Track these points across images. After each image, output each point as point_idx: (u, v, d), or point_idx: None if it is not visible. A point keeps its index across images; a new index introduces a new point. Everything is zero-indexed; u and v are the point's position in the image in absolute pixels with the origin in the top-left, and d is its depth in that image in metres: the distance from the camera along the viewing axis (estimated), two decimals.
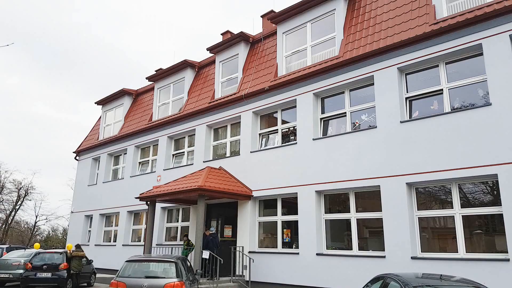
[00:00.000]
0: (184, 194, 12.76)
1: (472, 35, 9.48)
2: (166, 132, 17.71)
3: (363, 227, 11.19)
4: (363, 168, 10.79)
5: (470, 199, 9.45)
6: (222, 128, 15.93)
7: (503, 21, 9.05)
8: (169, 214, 17.25)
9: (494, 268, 8.33)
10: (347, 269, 10.58)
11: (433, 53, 10.06)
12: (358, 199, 11.26)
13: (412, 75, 10.75)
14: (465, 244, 9.08)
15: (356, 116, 11.77)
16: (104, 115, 22.68)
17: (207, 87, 16.71)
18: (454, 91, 9.91)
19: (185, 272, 9.07)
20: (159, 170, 17.52)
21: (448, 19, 9.83)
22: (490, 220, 9.15)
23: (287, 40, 13.99)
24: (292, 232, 12.61)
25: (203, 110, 15.85)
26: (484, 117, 9.01)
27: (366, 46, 11.39)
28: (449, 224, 9.56)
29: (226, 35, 18.36)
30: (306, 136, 12.38)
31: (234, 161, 14.43)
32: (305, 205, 11.87)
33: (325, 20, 12.95)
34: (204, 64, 17.89)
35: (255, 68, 14.87)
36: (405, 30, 10.63)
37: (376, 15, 11.79)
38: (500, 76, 8.93)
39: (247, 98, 14.30)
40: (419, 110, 10.46)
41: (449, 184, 9.54)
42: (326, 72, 12.17)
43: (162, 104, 18.71)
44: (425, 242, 9.78)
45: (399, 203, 9.93)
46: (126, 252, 16.88)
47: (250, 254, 12.78)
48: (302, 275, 11.46)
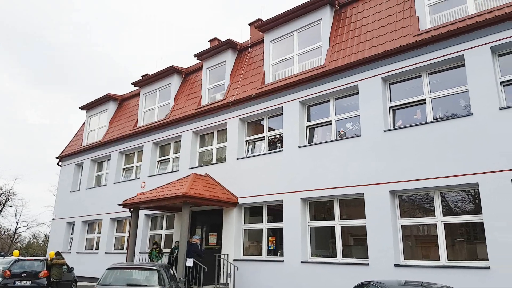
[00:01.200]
0: (169, 201, 12.63)
1: (454, 47, 9.71)
2: (151, 138, 17.57)
3: (348, 235, 11.24)
4: (348, 176, 10.87)
5: (452, 208, 9.59)
6: (208, 135, 15.88)
7: (484, 33, 9.29)
8: (153, 221, 17.04)
9: (475, 275, 8.45)
10: (331, 277, 10.59)
11: (417, 63, 10.26)
12: (342, 206, 11.32)
13: (395, 85, 10.93)
14: (447, 252, 9.20)
15: (341, 124, 11.89)
16: (88, 121, 22.39)
17: (193, 94, 16.67)
18: (437, 101, 10.10)
19: (168, 280, 8.93)
20: (143, 176, 17.33)
21: (431, 31, 10.05)
22: (471, 228, 9.30)
23: (274, 49, 14.10)
24: (277, 240, 12.58)
25: (190, 116, 15.79)
26: (466, 127, 9.20)
27: (351, 55, 11.55)
28: (432, 232, 9.67)
29: (214, 42, 18.40)
30: (292, 144, 12.43)
31: (220, 168, 14.38)
32: (291, 213, 11.88)
33: (312, 29, 13.11)
34: (191, 70, 17.87)
35: (242, 75, 14.92)
36: (389, 41, 10.82)
37: (361, 25, 11.99)
38: (481, 87, 9.15)
39: (234, 105, 14.31)
40: (403, 119, 10.62)
41: (432, 192, 9.68)
42: (312, 81, 12.28)
43: (148, 110, 18.57)
44: (408, 250, 9.87)
45: (382, 211, 10.02)
46: (109, 259, 16.57)
47: (235, 262, 12.69)
48: (287, 283, 11.42)
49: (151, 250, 14.20)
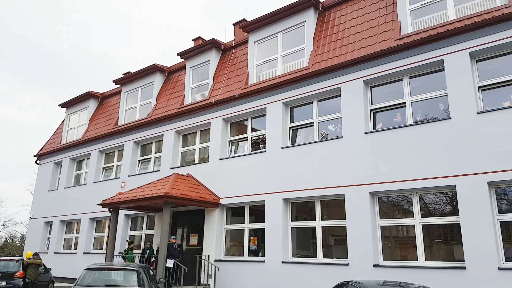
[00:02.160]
0: (150, 201, 12.48)
1: (434, 51, 9.91)
2: (132, 137, 17.34)
3: (329, 235, 11.34)
4: (329, 177, 10.96)
5: (431, 209, 9.78)
6: (191, 135, 15.77)
7: (463, 38, 9.52)
8: (133, 221, 16.82)
9: (452, 276, 8.63)
10: (311, 277, 10.66)
11: (398, 67, 10.43)
12: (324, 207, 11.41)
13: (377, 88, 11.09)
14: (425, 252, 9.37)
15: (324, 126, 11.98)
16: (68, 118, 21.96)
17: (176, 93, 16.54)
18: (417, 104, 10.30)
19: (148, 281, 8.83)
20: (123, 176, 17.09)
21: (412, 35, 10.24)
22: (449, 229, 9.50)
23: (258, 49, 14.11)
24: (259, 240, 12.59)
25: (172, 115, 15.65)
26: (444, 130, 9.40)
27: (334, 58, 11.67)
28: (410, 233, 9.84)
29: (198, 41, 18.31)
30: (275, 145, 12.46)
31: (202, 168, 14.30)
32: (273, 213, 11.91)
33: (296, 31, 13.18)
34: (174, 69, 17.73)
35: (226, 75, 14.89)
36: (371, 44, 10.97)
37: (344, 29, 12.12)
38: (459, 91, 9.36)
39: (217, 105, 14.26)
40: (383, 122, 10.79)
41: (410, 194, 9.86)
42: (295, 82, 12.34)
43: (129, 108, 18.33)
44: (387, 250, 10.02)
45: (362, 211, 10.15)
46: (87, 260, 16.29)
47: (216, 262, 12.64)
48: (268, 283, 11.44)
49: (127, 251, 13.96)
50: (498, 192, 8.78)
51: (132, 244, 14.22)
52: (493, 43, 9.13)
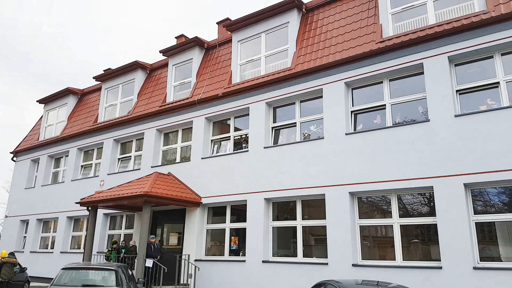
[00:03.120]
0: (129, 200, 12.32)
1: (414, 55, 10.10)
2: (112, 135, 17.07)
3: (309, 235, 11.42)
4: (310, 177, 11.04)
5: (409, 210, 9.97)
6: (173, 133, 15.64)
7: (442, 43, 9.73)
8: (112, 220, 16.57)
9: (428, 275, 8.82)
10: (291, 276, 10.72)
11: (378, 70, 10.59)
12: (305, 207, 11.49)
13: (358, 90, 11.24)
14: (403, 252, 9.54)
15: (306, 126, 12.06)
16: (46, 115, 21.45)
17: (158, 90, 16.37)
18: (396, 106, 10.48)
19: (126, 281, 8.71)
20: (102, 174, 16.81)
21: (393, 38, 10.41)
22: (426, 230, 9.70)
23: (242, 49, 14.10)
24: (240, 240, 12.59)
25: (154, 113, 15.48)
26: (423, 132, 9.59)
27: (316, 60, 11.76)
28: (389, 233, 10.00)
29: (181, 39, 18.16)
30: (257, 144, 12.47)
31: (184, 167, 14.19)
32: (254, 213, 11.92)
33: (279, 32, 13.22)
34: (156, 66, 17.54)
35: (209, 74, 14.82)
36: (353, 47, 11.11)
37: (327, 31, 12.23)
38: (438, 95, 9.57)
39: (200, 104, 14.18)
40: (363, 124, 10.94)
41: (389, 194, 10.02)
42: (278, 83, 12.38)
43: (109, 105, 18.04)
44: (366, 250, 10.16)
45: (342, 211, 10.27)
46: (64, 259, 15.93)
47: (196, 262, 12.57)
48: (248, 282, 11.45)
49: (111, 251, 13.76)
50: (474, 194, 9.01)
51: (115, 244, 13.97)
52: (471, 48, 9.36)
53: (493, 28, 9.09)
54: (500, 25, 9.00)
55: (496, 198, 8.93)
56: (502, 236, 8.64)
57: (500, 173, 8.45)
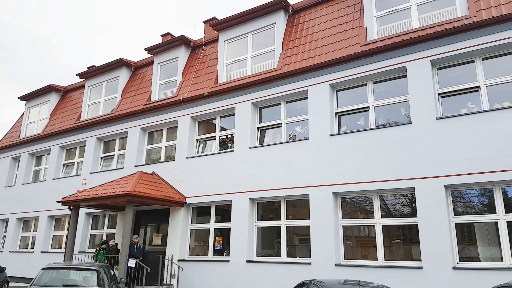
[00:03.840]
0: (112, 199, 12.17)
1: (398, 58, 10.25)
2: (95, 133, 16.83)
3: (294, 235, 11.48)
4: (295, 177, 11.10)
5: (391, 210, 10.12)
6: (157, 132, 15.51)
7: (425, 47, 9.90)
8: (94, 220, 16.34)
9: (409, 275, 8.96)
10: (275, 276, 10.75)
11: (363, 72, 10.71)
12: (289, 207, 11.55)
13: (342, 92, 11.35)
14: (385, 252, 9.68)
15: (291, 127, 12.12)
16: (28, 112, 21.01)
17: (143, 89, 16.21)
18: (380, 109, 10.62)
19: (108, 281, 8.61)
20: (85, 173, 16.56)
21: (377, 42, 10.55)
22: (408, 230, 9.86)
23: (228, 48, 14.07)
24: (224, 240, 12.56)
25: (138, 112, 15.32)
26: (405, 134, 9.75)
27: (302, 61, 11.83)
28: (371, 233, 10.13)
29: (166, 37, 18.01)
30: (243, 144, 12.47)
31: (168, 167, 14.09)
32: (239, 213, 11.92)
33: (266, 32, 13.26)
34: (141, 64, 17.37)
35: (195, 73, 14.75)
36: (338, 49, 11.21)
37: (313, 32, 12.31)
38: (420, 98, 9.74)
39: (185, 103, 14.10)
40: (347, 125, 11.06)
41: (372, 195, 10.15)
42: (265, 83, 12.41)
43: (93, 103, 17.78)
44: (349, 250, 10.28)
45: (325, 211, 10.35)
46: (45, 259, 15.63)
47: (179, 262, 12.49)
48: (232, 283, 11.44)
49: (99, 250, 13.49)
50: (455, 195, 9.20)
51: (104, 244, 13.73)
52: (453, 52, 9.56)
53: (475, 33, 9.30)
54: (482, 30, 9.22)
55: (476, 200, 9.13)
56: (481, 236, 8.85)
57: (479, 175, 8.65)
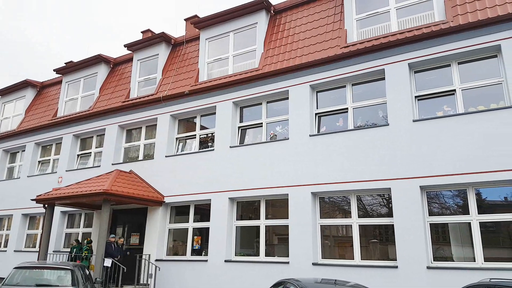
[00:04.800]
0: (88, 198, 11.95)
1: (376, 61, 10.41)
2: (72, 130, 16.48)
3: (273, 234, 11.51)
4: (275, 177, 11.14)
5: (368, 210, 10.27)
6: (136, 130, 15.28)
7: (403, 50, 10.09)
8: (70, 219, 16.00)
9: (385, 274, 9.12)
10: (253, 275, 10.76)
11: (342, 74, 10.83)
12: (269, 206, 11.57)
13: (322, 93, 11.45)
14: (361, 251, 9.82)
15: (272, 127, 12.15)
16: (2, 107, 20.41)
17: (122, 85, 15.96)
18: (358, 110, 10.77)
19: (83, 281, 8.44)
20: (61, 171, 16.19)
21: (357, 44, 10.69)
22: (384, 230, 10.02)
23: (209, 47, 14.00)
24: (202, 239, 12.50)
25: (116, 109, 15.08)
26: (382, 136, 9.91)
27: (283, 61, 11.88)
28: (349, 233, 10.25)
29: (147, 33, 17.78)
30: (223, 143, 12.43)
31: (147, 165, 13.91)
32: (218, 212, 11.87)
33: (248, 32, 13.25)
34: (120, 61, 17.10)
35: (176, 70, 14.61)
36: (318, 51, 11.31)
37: (294, 33, 12.37)
38: (397, 100, 9.93)
39: (165, 101, 13.95)
40: (327, 126, 11.17)
41: (349, 195, 10.28)
42: (246, 83, 12.40)
43: (70, 99, 17.40)
44: (326, 249, 10.38)
45: (304, 211, 10.43)
46: (18, 258, 15.20)
47: (157, 262, 12.35)
48: (210, 282, 11.39)
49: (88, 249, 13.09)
50: (430, 196, 9.40)
51: (90, 243, 13.37)
52: (430, 56, 9.77)
53: (451, 38, 9.53)
54: (458, 35, 9.46)
55: (451, 201, 9.36)
56: (455, 237, 9.08)
57: (453, 176, 8.87)
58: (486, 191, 8.92)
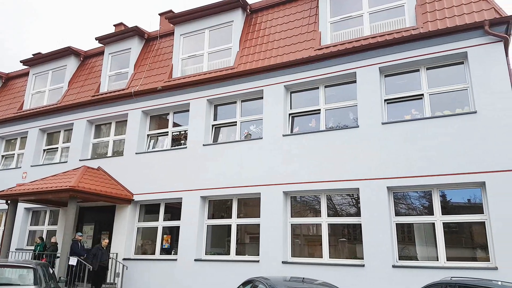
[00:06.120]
0: (54, 194, 11.56)
1: (349, 64, 10.60)
2: (38, 124, 15.90)
3: (245, 233, 11.51)
4: (247, 176, 11.14)
5: (338, 210, 10.45)
6: (105, 125, 14.92)
7: (375, 54, 10.32)
8: (35, 216, 15.43)
9: (352, 272, 9.31)
10: (224, 274, 10.73)
11: (316, 75, 10.97)
12: (242, 206, 11.56)
13: (296, 94, 11.56)
14: (330, 250, 9.98)
15: (246, 126, 12.15)
16: None
17: (92, 79, 15.54)
18: (330, 112, 10.94)
19: (46, 279, 8.14)
20: (25, 166, 15.60)
21: (330, 47, 10.84)
22: (353, 229, 10.22)
23: (184, 43, 13.84)
24: (172, 238, 12.34)
25: (85, 103, 14.66)
26: (352, 137, 10.11)
27: (258, 61, 11.90)
28: (319, 232, 10.39)
29: (120, 27, 17.37)
30: (196, 141, 12.31)
31: (116, 162, 13.60)
32: (189, 211, 11.75)
33: (223, 30, 13.18)
34: (91, 54, 16.65)
35: (149, 66, 14.35)
36: (293, 52, 11.40)
37: (269, 33, 12.42)
38: (368, 103, 10.15)
39: (137, 96, 13.67)
40: (300, 126, 11.28)
41: (320, 194, 10.43)
42: (220, 81, 12.34)
43: (37, 92, 16.79)
44: (297, 248, 10.48)
45: (275, 210, 10.49)
46: None
47: (124, 261, 12.10)
48: (179, 281, 11.26)
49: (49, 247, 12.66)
50: (398, 197, 9.67)
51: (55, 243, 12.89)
52: (400, 61, 10.04)
53: (421, 44, 9.83)
54: (427, 41, 9.77)
55: (417, 202, 9.66)
56: (420, 237, 9.38)
57: (419, 178, 9.15)
58: (450, 192, 9.26)
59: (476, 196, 8.92)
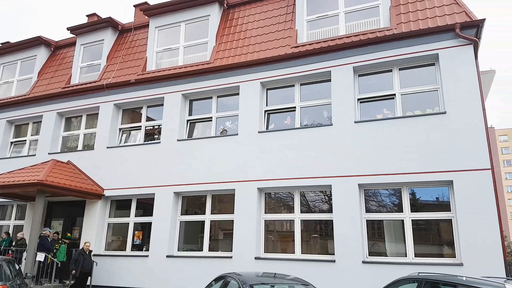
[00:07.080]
0: (21, 188, 11.17)
1: (324, 62, 10.69)
2: (5, 116, 15.31)
3: (218, 229, 11.48)
4: (222, 172, 11.10)
5: (311, 206, 10.56)
6: (76, 118, 14.50)
7: (349, 54, 10.46)
8: (1, 210, 14.90)
9: (323, 268, 9.46)
10: (196, 270, 10.67)
11: (291, 73, 11.02)
12: (215, 201, 11.51)
13: (272, 91, 11.59)
14: (303, 246, 10.09)
15: (222, 122, 12.08)
16: None
17: (62, 70, 15.05)
18: (305, 109, 11.03)
19: (11, 276, 7.88)
20: None
21: (306, 45, 10.91)
22: (325, 225, 10.36)
23: (159, 36, 13.59)
24: (144, 235, 12.16)
25: (55, 95, 14.20)
26: (326, 135, 10.24)
27: (235, 57, 11.83)
28: (292, 228, 10.49)
29: (92, 17, 16.88)
30: (170, 136, 12.15)
31: (86, 156, 13.25)
32: (162, 207, 11.60)
33: (200, 23, 13.03)
34: (62, 44, 16.12)
35: (122, 58, 14.03)
36: (270, 49, 11.40)
37: (246, 29, 12.37)
38: (341, 102, 10.29)
39: (109, 89, 13.35)
40: (275, 123, 11.33)
41: (293, 191, 10.51)
42: (196, 75, 12.20)
43: (5, 82, 16.15)
44: (270, 244, 10.54)
45: (249, 206, 10.51)
46: None
47: (94, 257, 11.82)
48: (151, 278, 11.12)
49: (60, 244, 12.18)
50: (368, 194, 9.87)
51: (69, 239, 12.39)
52: (373, 61, 10.22)
53: (394, 44, 10.03)
54: (400, 42, 9.97)
55: (387, 199, 9.89)
56: (389, 233, 9.61)
57: (389, 176, 9.37)
58: (420, 191, 9.53)
59: (444, 194, 9.21)
